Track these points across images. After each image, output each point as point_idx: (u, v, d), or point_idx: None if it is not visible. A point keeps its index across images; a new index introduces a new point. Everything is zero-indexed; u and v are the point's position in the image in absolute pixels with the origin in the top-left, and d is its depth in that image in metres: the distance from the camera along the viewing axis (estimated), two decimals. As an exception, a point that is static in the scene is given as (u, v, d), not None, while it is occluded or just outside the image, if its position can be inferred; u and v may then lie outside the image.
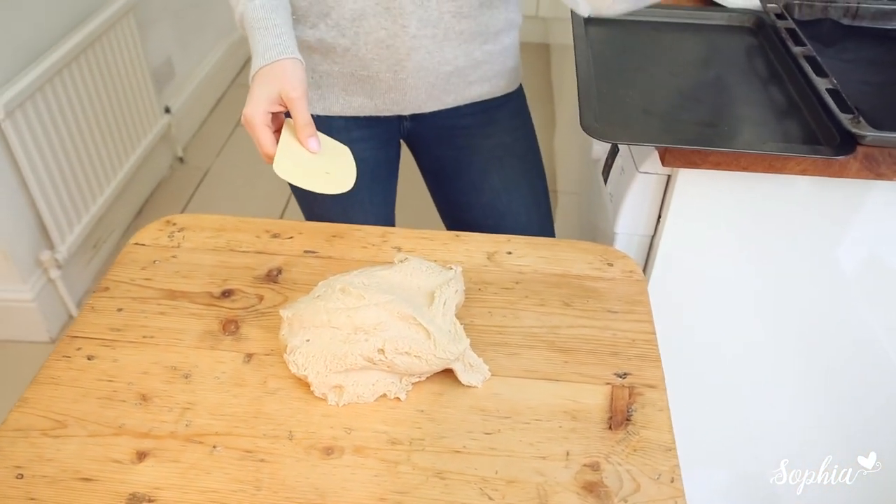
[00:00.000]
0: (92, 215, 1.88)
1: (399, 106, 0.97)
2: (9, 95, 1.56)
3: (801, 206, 0.82)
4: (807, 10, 0.98)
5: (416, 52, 0.90)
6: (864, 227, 0.83)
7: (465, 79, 0.96)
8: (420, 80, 0.94)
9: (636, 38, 0.97)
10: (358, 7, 0.87)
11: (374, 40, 0.89)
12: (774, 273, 0.89)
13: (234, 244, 0.88)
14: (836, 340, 0.92)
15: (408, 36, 0.88)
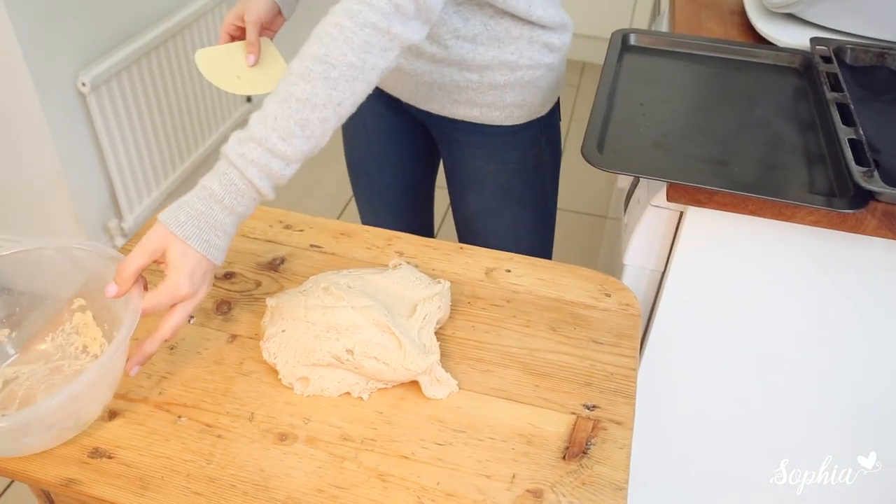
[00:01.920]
0: (162, 191, 1.98)
1: (397, 92, 1.02)
2: (96, 71, 1.67)
3: (813, 258, 0.79)
4: (861, 56, 0.94)
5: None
6: (880, 288, 0.78)
7: (449, 96, 0.95)
8: (405, 77, 0.97)
9: (673, 69, 0.95)
10: None
11: None
12: (785, 322, 0.85)
13: (247, 230, 0.91)
14: (837, 389, 0.88)
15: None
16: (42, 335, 0.74)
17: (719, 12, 1.12)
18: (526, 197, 1.04)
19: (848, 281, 0.79)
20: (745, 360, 0.90)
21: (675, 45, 0.99)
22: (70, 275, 0.76)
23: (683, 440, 1.00)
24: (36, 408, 0.59)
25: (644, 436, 0.99)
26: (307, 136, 0.66)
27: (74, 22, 1.64)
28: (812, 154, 0.80)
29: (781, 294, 0.83)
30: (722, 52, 0.98)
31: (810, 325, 0.84)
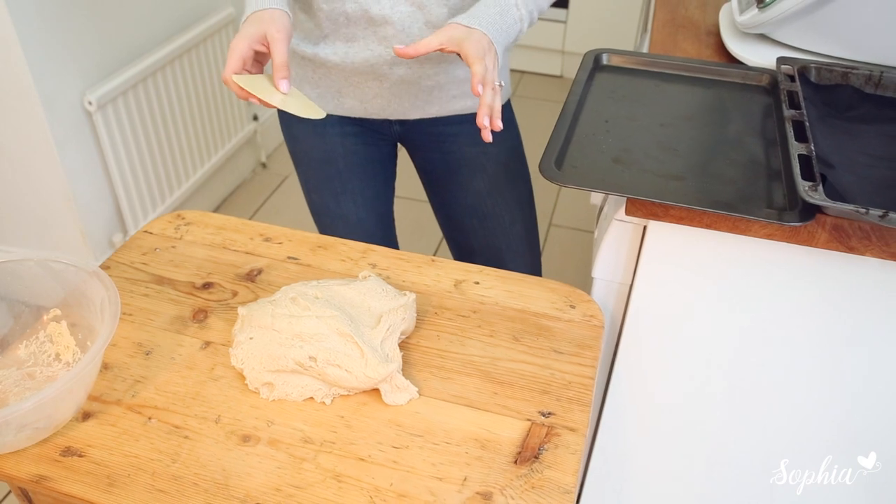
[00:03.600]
0: (167, 207, 2.04)
1: (386, 111, 1.05)
2: (102, 90, 1.73)
3: (768, 269, 0.80)
4: (826, 75, 0.96)
5: (398, 68, 0.99)
6: (833, 299, 0.80)
7: (447, 93, 1.03)
8: (403, 91, 1.02)
9: (642, 88, 0.98)
10: (350, 32, 0.97)
11: (362, 59, 0.99)
12: (746, 328, 0.87)
13: (228, 242, 0.95)
14: (808, 391, 0.89)
15: (390, 56, 0.97)
16: (17, 342, 0.78)
17: (695, 33, 1.15)
18: (521, 169, 1.13)
19: (804, 292, 0.81)
20: (715, 367, 0.92)
21: (647, 65, 1.02)
22: (49, 286, 0.79)
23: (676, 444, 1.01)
24: (9, 409, 0.62)
25: (635, 441, 1.01)
26: None
27: (81, 42, 1.70)
28: (771, 169, 0.82)
29: (743, 304, 0.85)
30: (692, 72, 1.01)
31: (772, 334, 0.86)
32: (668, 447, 1.01)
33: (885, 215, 0.68)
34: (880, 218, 0.69)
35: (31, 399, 0.63)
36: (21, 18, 1.52)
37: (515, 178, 1.12)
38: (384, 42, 0.96)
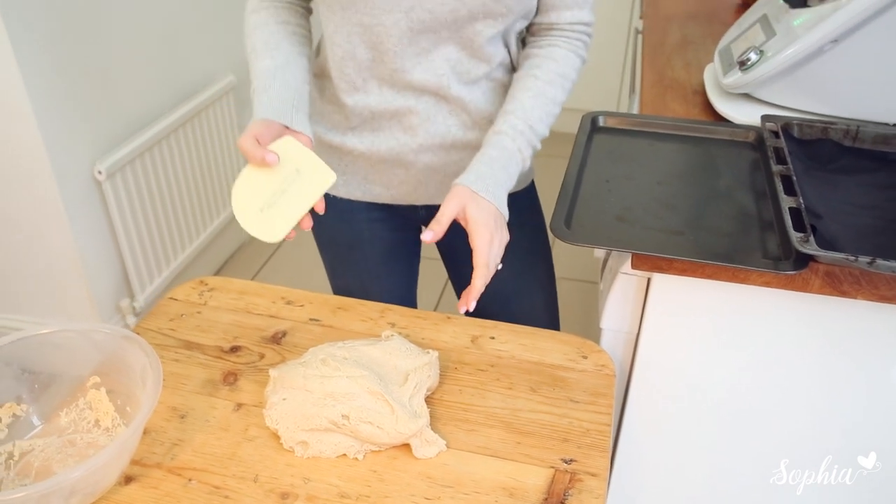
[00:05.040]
0: (172, 270, 2.08)
1: (412, 197, 1.08)
2: (111, 160, 1.78)
3: (767, 314, 0.86)
4: (807, 130, 1.03)
5: (423, 155, 1.02)
6: (829, 338, 0.85)
7: None
8: (429, 178, 1.05)
9: (637, 147, 1.05)
10: (375, 123, 1.00)
11: (387, 148, 1.02)
12: (748, 369, 0.91)
13: (251, 306, 0.99)
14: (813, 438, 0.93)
15: (416, 144, 1.00)
16: (58, 410, 0.81)
17: (683, 93, 1.23)
18: (544, 251, 1.15)
19: (802, 333, 0.86)
20: (720, 406, 0.95)
21: (640, 125, 1.09)
22: (87, 354, 0.83)
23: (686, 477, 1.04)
24: (59, 477, 0.66)
25: (647, 480, 1.04)
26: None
27: (92, 114, 1.76)
28: (763, 220, 0.88)
29: (744, 347, 0.90)
30: (683, 130, 1.08)
31: (773, 373, 0.90)
32: (679, 483, 1.05)
33: (873, 262, 0.74)
34: (868, 264, 0.74)
35: (80, 468, 0.66)
36: (36, 95, 1.58)
37: (539, 259, 1.13)
38: (409, 131, 0.99)
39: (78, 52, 1.69)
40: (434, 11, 0.88)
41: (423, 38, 0.91)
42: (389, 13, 0.88)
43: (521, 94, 0.94)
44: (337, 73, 0.97)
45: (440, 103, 0.98)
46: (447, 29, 0.90)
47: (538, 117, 0.94)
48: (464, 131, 1.01)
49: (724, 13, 1.70)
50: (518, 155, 0.92)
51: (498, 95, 1.00)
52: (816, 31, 0.99)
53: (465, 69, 0.95)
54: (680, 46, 1.46)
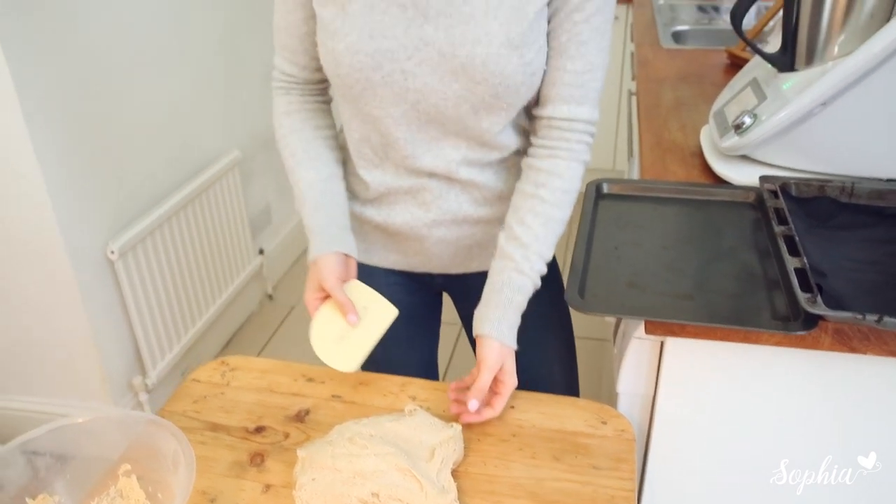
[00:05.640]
0: (183, 345, 2.09)
1: (427, 266, 1.11)
2: (124, 239, 1.82)
3: (779, 372, 0.88)
4: (804, 189, 1.06)
5: (437, 229, 1.05)
6: (841, 392, 0.87)
7: (486, 250, 1.09)
8: (443, 251, 1.08)
9: (642, 213, 1.08)
10: (391, 197, 1.05)
11: (402, 221, 1.06)
12: (761, 425, 0.92)
13: (273, 385, 1.01)
14: None
15: (429, 219, 1.04)
16: (89, 499, 0.82)
17: (681, 155, 1.27)
18: (563, 318, 1.16)
19: (813, 389, 0.88)
20: (735, 460, 0.96)
21: (643, 190, 1.12)
22: (117, 440, 0.84)
23: None
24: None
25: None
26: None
27: (104, 196, 1.80)
28: (770, 281, 0.91)
29: (758, 404, 0.92)
30: (684, 194, 1.11)
31: (786, 426, 0.92)
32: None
33: (881, 319, 0.76)
34: (876, 322, 0.77)
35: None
36: (51, 178, 1.63)
37: (558, 327, 1.15)
38: (423, 207, 1.03)
39: (90, 134, 1.74)
40: (438, 105, 0.92)
41: (432, 128, 0.95)
42: (397, 106, 0.93)
43: (532, 220, 0.95)
44: (355, 153, 1.03)
45: (452, 184, 1.02)
46: (453, 122, 0.94)
47: (549, 245, 0.96)
48: (475, 207, 1.05)
49: (713, 74, 1.76)
50: (533, 289, 0.97)
51: (510, 174, 1.04)
52: (805, 96, 1.04)
53: (475, 157, 0.99)
54: (674, 108, 1.51)
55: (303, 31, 0.96)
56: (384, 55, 0.89)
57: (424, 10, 0.88)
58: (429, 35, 0.88)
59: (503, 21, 0.87)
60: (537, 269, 0.96)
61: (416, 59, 0.89)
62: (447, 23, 0.88)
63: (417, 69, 0.90)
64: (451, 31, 0.88)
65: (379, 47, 0.89)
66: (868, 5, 1.04)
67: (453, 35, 0.88)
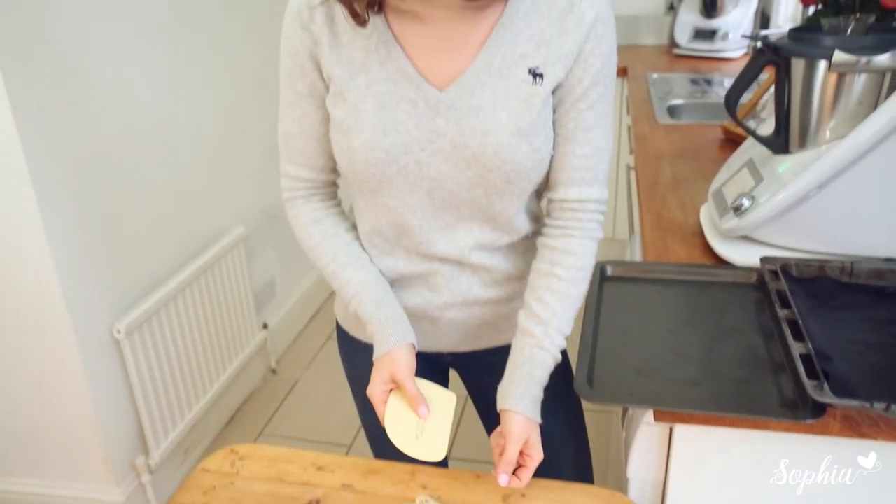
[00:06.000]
0: (186, 424, 2.08)
1: (437, 346, 1.13)
2: (130, 318, 1.83)
3: (788, 456, 0.88)
4: (805, 269, 1.08)
5: (448, 311, 1.07)
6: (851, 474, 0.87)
7: (495, 328, 1.11)
8: (453, 330, 1.10)
9: (647, 296, 1.10)
10: (404, 282, 1.07)
11: (414, 304, 1.07)
12: None
13: (283, 474, 1.01)
14: None
15: (441, 302, 1.06)
16: None
17: (682, 235, 1.29)
18: (566, 393, 1.14)
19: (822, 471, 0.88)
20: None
21: (646, 273, 1.14)
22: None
23: None
24: None
25: None
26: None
27: (112, 276, 1.82)
28: (776, 365, 0.92)
29: (768, 488, 0.91)
30: (687, 275, 1.13)
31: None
32: None
33: (889, 407, 0.77)
34: (885, 410, 0.77)
35: None
36: (61, 259, 1.65)
37: (566, 401, 1.15)
38: (434, 290, 1.05)
39: (100, 214, 1.77)
40: (454, 191, 0.95)
41: (446, 214, 0.98)
42: (412, 194, 0.96)
43: (549, 298, 0.99)
44: (367, 243, 1.05)
45: (462, 268, 1.05)
46: (468, 207, 0.97)
47: (567, 321, 1.00)
48: (484, 289, 1.07)
49: (710, 149, 1.81)
50: (553, 363, 0.99)
51: (519, 256, 1.06)
52: (801, 179, 1.07)
53: (487, 241, 1.02)
54: (673, 185, 1.55)
55: (319, 132, 0.98)
56: (399, 149, 0.92)
57: (435, 106, 0.91)
58: (440, 127, 0.92)
59: (511, 111, 0.91)
60: (557, 343, 0.98)
61: (429, 150, 0.93)
62: (457, 115, 0.91)
63: (431, 158, 0.93)
64: (462, 124, 0.91)
65: (393, 142, 0.92)
66: (855, 93, 1.08)
67: (464, 127, 0.91)
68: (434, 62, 0.92)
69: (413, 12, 0.91)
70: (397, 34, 0.92)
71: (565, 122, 0.96)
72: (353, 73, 0.92)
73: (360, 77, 0.92)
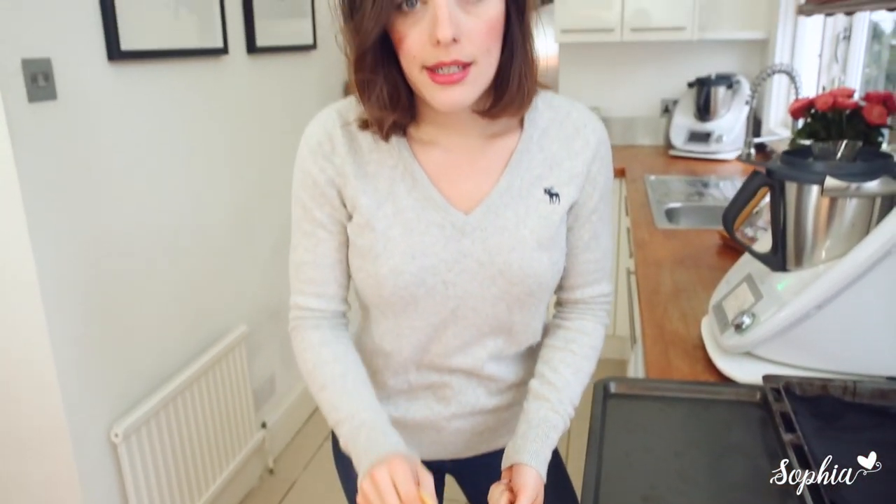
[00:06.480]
0: (180, 529, 2.02)
1: (440, 454, 1.14)
2: (128, 421, 1.81)
3: None
4: (807, 388, 1.08)
5: (455, 421, 1.09)
6: None
7: (496, 433, 1.14)
8: (457, 438, 1.11)
9: (649, 414, 1.09)
10: (413, 394, 1.08)
11: (422, 416, 1.09)
12: None
13: None
14: None
15: (448, 413, 1.08)
16: None
17: (684, 348, 1.30)
18: (565, 482, 1.17)
19: None
20: None
21: (649, 390, 1.14)
22: None
23: None
24: None
25: None
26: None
27: (111, 378, 1.82)
28: (784, 492, 0.91)
29: None
30: (690, 393, 1.13)
31: None
32: None
33: (900, 543, 0.76)
34: (896, 545, 0.76)
35: None
36: (62, 363, 1.65)
37: (563, 488, 1.16)
38: (443, 401, 1.07)
39: (104, 318, 1.78)
40: (476, 308, 0.99)
41: (467, 332, 1.01)
42: (437, 314, 0.98)
43: (564, 369, 1.05)
44: (383, 363, 1.06)
45: (470, 378, 1.07)
46: (488, 322, 1.01)
47: (578, 393, 1.05)
48: (490, 398, 1.10)
49: (708, 256, 1.84)
50: (564, 430, 1.03)
51: (524, 364, 1.10)
52: (800, 299, 1.09)
53: (500, 352, 1.05)
54: (673, 295, 1.56)
55: (334, 259, 1.00)
56: (427, 271, 0.95)
57: (462, 228, 0.96)
58: (466, 248, 0.96)
59: (532, 229, 0.98)
60: (569, 412, 1.03)
61: (456, 269, 0.96)
62: (483, 235, 0.96)
63: (458, 278, 0.97)
64: (487, 243, 0.96)
65: (422, 265, 0.95)
66: (848, 216, 1.11)
67: (489, 245, 0.97)
68: (458, 187, 0.97)
69: (433, 143, 0.96)
70: (422, 162, 0.97)
71: (581, 234, 1.04)
72: (380, 202, 0.96)
73: (388, 205, 0.96)
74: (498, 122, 0.96)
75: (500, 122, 0.97)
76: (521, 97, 0.92)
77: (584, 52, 3.62)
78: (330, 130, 0.96)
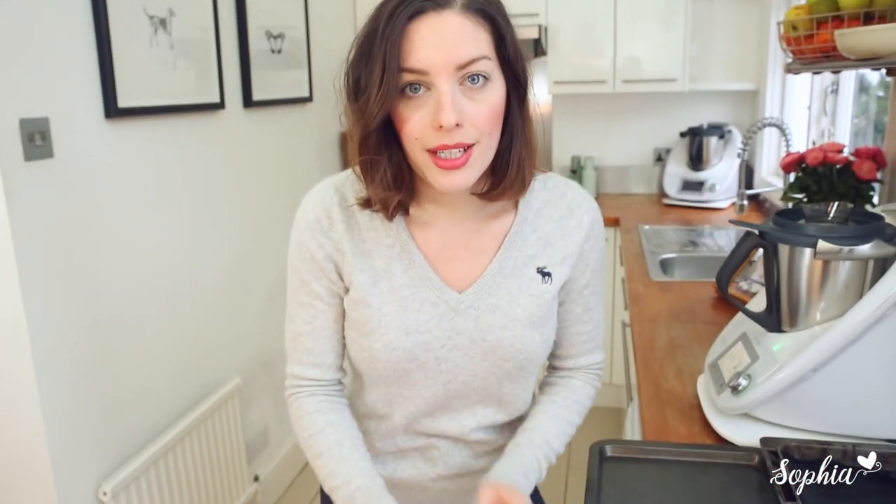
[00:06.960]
0: (168, 591, 1.97)
1: None
2: (118, 479, 1.78)
3: None
4: (806, 452, 1.07)
5: (441, 482, 1.10)
6: None
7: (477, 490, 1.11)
8: (444, 498, 1.11)
9: (647, 478, 1.08)
10: (400, 455, 1.08)
11: (408, 476, 1.09)
12: None
13: None
14: None
15: (435, 474, 1.09)
16: None
17: (681, 408, 1.29)
18: None
19: None
20: None
21: (646, 453, 1.13)
22: None
23: None
24: None
25: None
26: None
27: (102, 433, 1.79)
28: (785, 563, 0.89)
29: None
30: (687, 456, 1.11)
31: None
32: None
33: None
34: None
35: None
36: (52, 416, 1.62)
37: None
38: (430, 462, 1.07)
39: (96, 372, 1.77)
40: (467, 382, 0.99)
41: (457, 401, 1.02)
42: (428, 388, 0.99)
43: (541, 415, 1.06)
44: (373, 426, 1.06)
45: (458, 442, 1.07)
46: (478, 393, 1.02)
47: (554, 434, 1.05)
48: (477, 460, 1.10)
49: (703, 310, 1.84)
50: (535, 463, 1.01)
51: (511, 427, 1.10)
52: (796, 362, 1.08)
53: (488, 421, 1.05)
54: (669, 351, 1.56)
55: (332, 329, 1.01)
56: (420, 347, 0.96)
57: (455, 306, 0.97)
58: (459, 325, 0.97)
59: (525, 307, 0.99)
60: (537, 443, 1.03)
61: (448, 346, 0.97)
62: (475, 314, 0.98)
63: (450, 354, 0.98)
64: (480, 321, 0.98)
65: (415, 342, 0.96)
66: (841, 278, 1.11)
67: (482, 323, 0.98)
68: (452, 267, 0.98)
69: (430, 222, 0.97)
70: (419, 242, 0.98)
71: (573, 308, 1.06)
72: (375, 279, 0.97)
73: (384, 282, 0.97)
74: (495, 203, 0.98)
75: (497, 203, 0.99)
76: (520, 181, 0.94)
77: (578, 103, 3.67)
78: (328, 207, 0.97)
